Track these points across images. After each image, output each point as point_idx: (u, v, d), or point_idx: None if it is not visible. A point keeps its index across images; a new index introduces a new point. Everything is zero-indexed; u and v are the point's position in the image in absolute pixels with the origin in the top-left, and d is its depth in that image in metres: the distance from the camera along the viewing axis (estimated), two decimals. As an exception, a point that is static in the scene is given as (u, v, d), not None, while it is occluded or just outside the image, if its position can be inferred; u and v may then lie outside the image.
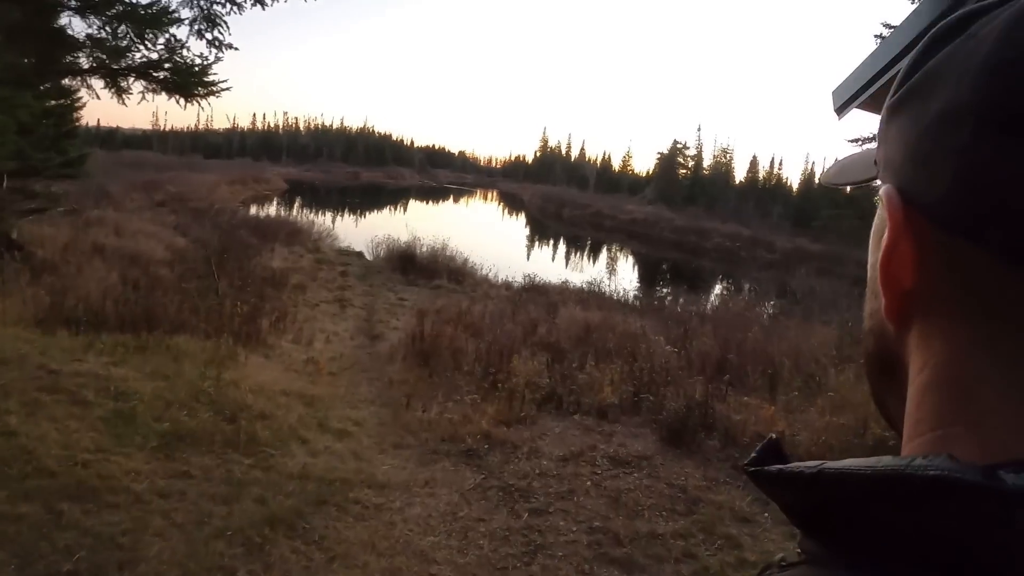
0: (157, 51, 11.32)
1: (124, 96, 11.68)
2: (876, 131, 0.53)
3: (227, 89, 11.96)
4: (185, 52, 11.51)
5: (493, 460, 7.09)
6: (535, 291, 18.97)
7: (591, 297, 18.52)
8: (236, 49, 11.93)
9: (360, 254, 24.03)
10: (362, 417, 7.99)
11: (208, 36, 11.25)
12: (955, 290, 0.44)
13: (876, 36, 16.66)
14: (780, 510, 0.45)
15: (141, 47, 11.17)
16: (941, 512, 0.36)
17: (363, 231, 28.70)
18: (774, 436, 0.51)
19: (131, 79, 11.48)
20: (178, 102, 11.77)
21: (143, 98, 11.81)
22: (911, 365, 0.47)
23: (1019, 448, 0.39)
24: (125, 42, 11.08)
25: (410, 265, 20.63)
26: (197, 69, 11.48)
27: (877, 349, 0.52)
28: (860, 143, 17.49)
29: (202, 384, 7.60)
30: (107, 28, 10.81)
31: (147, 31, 10.95)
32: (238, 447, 6.38)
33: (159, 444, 6.18)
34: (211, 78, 11.60)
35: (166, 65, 11.40)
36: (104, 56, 11.17)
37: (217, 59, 11.53)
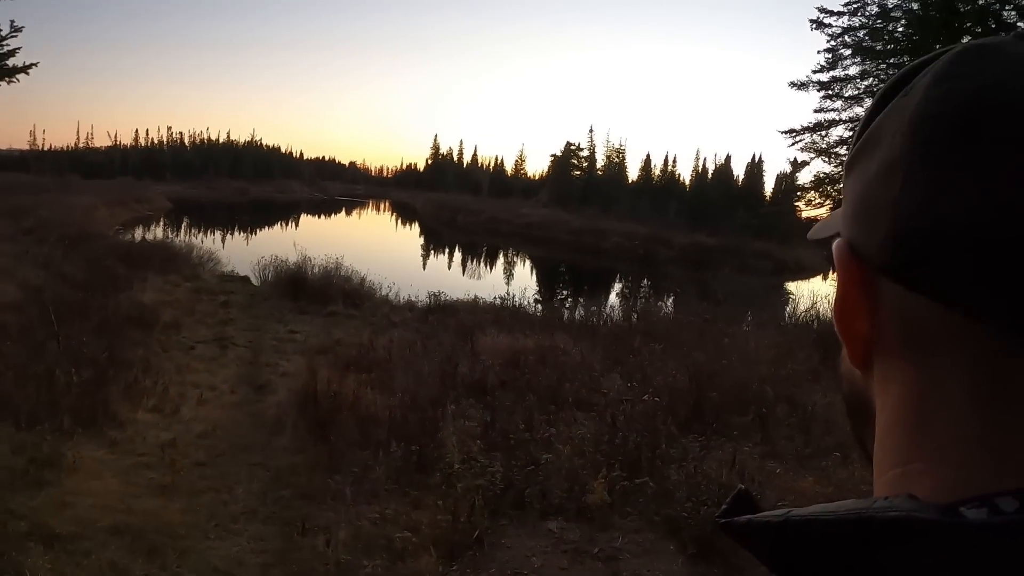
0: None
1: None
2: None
3: (27, 69, 9.44)
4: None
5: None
6: (443, 311, 16.60)
7: (507, 314, 16.41)
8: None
9: (246, 279, 21.08)
10: (238, 557, 5.43)
11: None
12: (901, 333, 0.46)
13: (812, 21, 15.32)
14: (758, 560, 0.44)
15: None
16: (904, 552, 0.37)
17: (250, 252, 25.78)
18: (742, 488, 0.50)
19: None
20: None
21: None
22: (876, 406, 0.49)
23: (979, 483, 0.40)
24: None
25: (301, 290, 17.90)
26: None
27: (850, 392, 0.54)
28: (792, 135, 15.97)
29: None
30: None
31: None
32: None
33: None
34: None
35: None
36: None
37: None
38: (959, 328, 0.43)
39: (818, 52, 15.22)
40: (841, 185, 0.53)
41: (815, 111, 15.55)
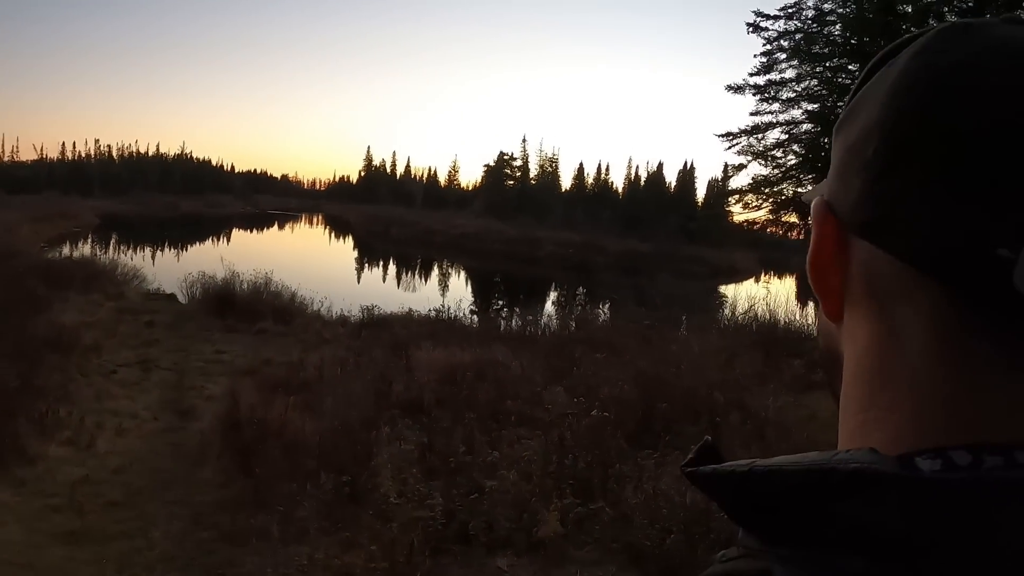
0: None
1: None
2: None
3: None
4: None
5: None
6: (376, 326, 16.03)
7: (442, 327, 15.86)
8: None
9: (172, 297, 20.19)
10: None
11: None
12: (866, 287, 0.48)
13: (749, 24, 15.21)
14: (720, 508, 0.46)
15: None
16: (863, 502, 0.38)
17: (178, 268, 24.78)
18: (708, 439, 0.52)
19: None
20: None
21: None
22: (844, 357, 0.51)
23: (932, 435, 0.42)
24: None
25: (229, 307, 17.08)
26: None
27: (825, 347, 0.56)
28: (728, 139, 15.77)
29: None
30: None
31: None
32: None
33: None
34: None
35: None
36: None
37: None
38: (918, 286, 0.44)
39: (754, 56, 15.10)
40: (779, 188, 0.34)
41: (751, 114, 15.42)
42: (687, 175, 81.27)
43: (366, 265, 46.51)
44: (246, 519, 5.94)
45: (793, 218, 15.84)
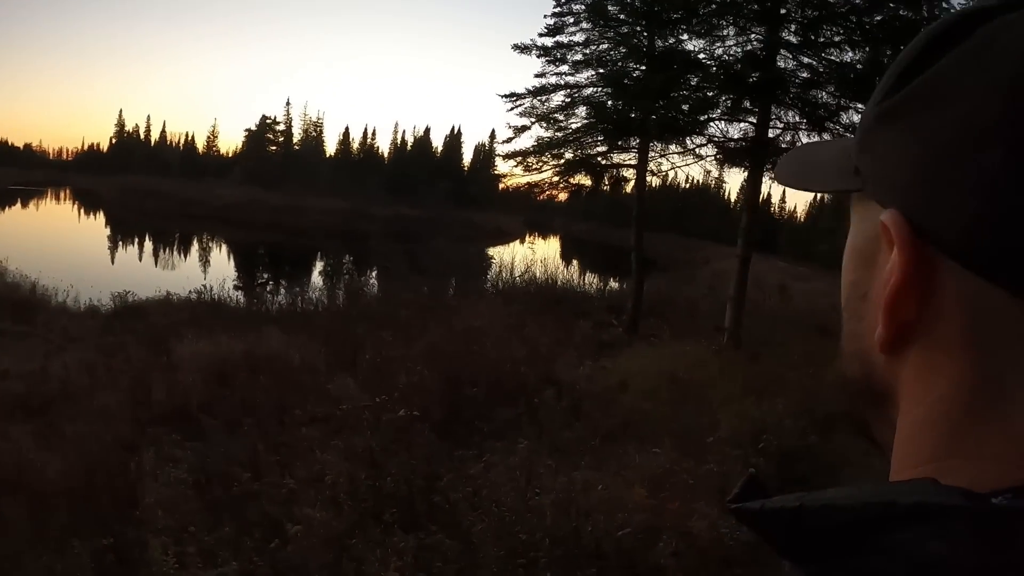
0: None
1: None
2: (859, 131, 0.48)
3: None
4: None
5: None
6: (131, 315, 13.93)
7: (205, 311, 14.09)
8: None
9: None
10: None
11: None
12: (967, 326, 0.41)
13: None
14: (768, 546, 0.42)
15: None
16: (924, 536, 0.35)
17: None
18: (752, 471, 0.48)
19: None
20: None
21: None
22: (904, 396, 0.44)
23: (1014, 476, 0.38)
24: None
25: (-54, 308, 14.28)
26: None
27: (863, 376, 0.48)
28: (512, 99, 14.95)
29: None
30: None
31: None
32: None
33: None
34: None
35: None
36: None
37: None
38: None
39: (544, 17, 14.44)
40: (569, 152, 0.25)
41: (536, 75, 14.77)
42: (454, 140, 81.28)
43: (120, 245, 41.62)
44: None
45: (582, 179, 15.43)
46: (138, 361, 9.25)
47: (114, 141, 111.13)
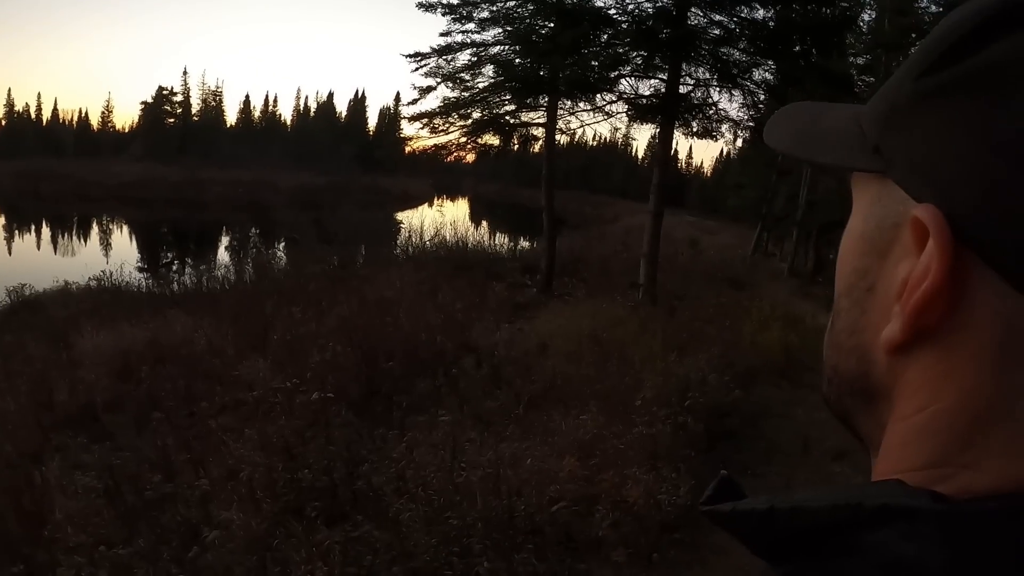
0: None
1: None
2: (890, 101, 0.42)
3: None
4: None
5: None
6: (27, 310, 13.05)
7: (106, 299, 13.34)
8: None
9: None
10: None
11: None
12: (995, 342, 0.37)
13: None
14: (744, 546, 0.43)
15: None
16: (892, 537, 0.35)
17: None
18: (724, 473, 0.48)
19: None
20: None
21: None
22: (903, 399, 0.41)
23: (1002, 487, 0.36)
24: None
25: None
26: None
27: (860, 373, 0.45)
28: (417, 59, 14.43)
29: None
30: None
31: None
32: None
33: None
34: None
35: None
36: None
37: None
38: None
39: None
40: (477, 112, 0.24)
41: (441, 34, 14.26)
42: (358, 104, 79.67)
43: (15, 234, 39.46)
44: None
45: (490, 140, 15.09)
46: (38, 361, 8.59)
47: (3, 122, 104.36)
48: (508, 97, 14.19)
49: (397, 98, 74.11)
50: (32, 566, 4.19)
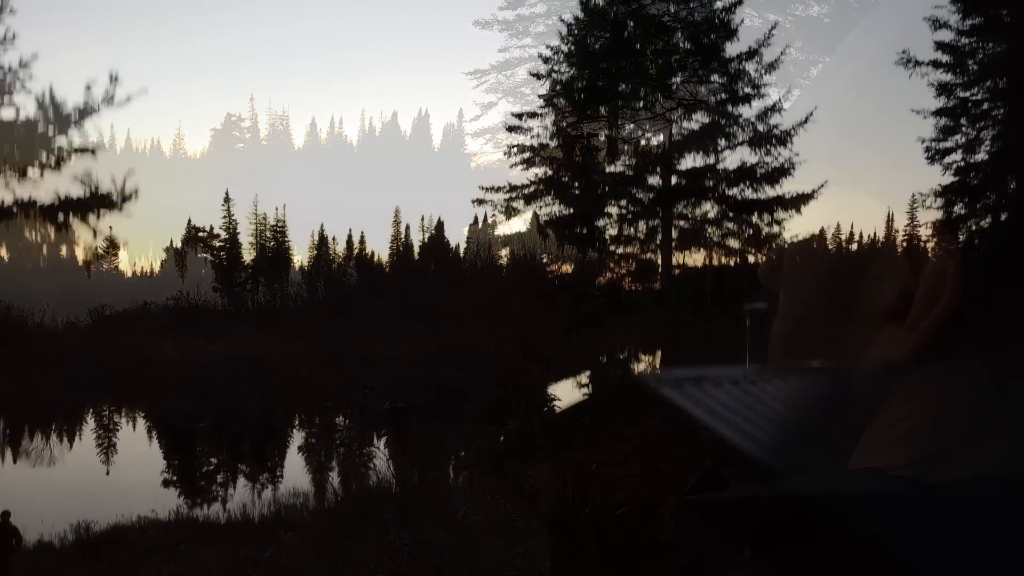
0: None
1: None
2: None
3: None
4: None
5: None
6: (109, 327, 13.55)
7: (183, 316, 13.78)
8: None
9: None
10: None
11: None
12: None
13: None
14: (724, 534, 0.44)
15: None
16: (871, 522, 0.36)
17: None
18: (708, 463, 0.48)
19: None
20: None
21: None
22: (890, 403, 0.44)
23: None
24: None
25: None
26: None
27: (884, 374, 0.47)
28: (478, 76, 14.62)
29: None
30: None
31: None
32: None
33: None
34: None
35: None
36: None
37: None
38: None
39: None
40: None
41: (499, 51, 14.32)
42: (422, 121, 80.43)
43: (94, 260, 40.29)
44: None
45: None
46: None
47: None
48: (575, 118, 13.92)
49: (460, 115, 74.56)
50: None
